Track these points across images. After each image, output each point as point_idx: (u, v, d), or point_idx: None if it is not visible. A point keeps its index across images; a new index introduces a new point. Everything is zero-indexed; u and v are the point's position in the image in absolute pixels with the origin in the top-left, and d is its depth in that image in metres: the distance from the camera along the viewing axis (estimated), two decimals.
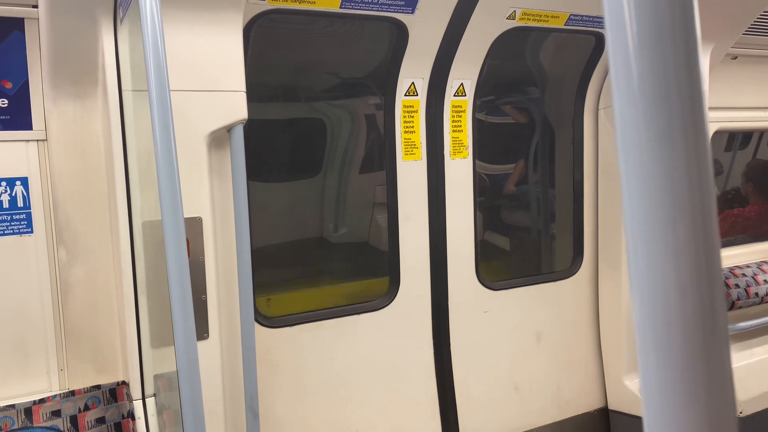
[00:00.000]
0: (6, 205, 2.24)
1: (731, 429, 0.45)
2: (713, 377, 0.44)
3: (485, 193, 3.43)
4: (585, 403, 3.53)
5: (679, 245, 0.43)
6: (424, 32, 2.74)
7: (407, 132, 2.92)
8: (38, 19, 2.20)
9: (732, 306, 3.40)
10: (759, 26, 3.34)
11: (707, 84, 3.21)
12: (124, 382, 2.30)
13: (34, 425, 2.13)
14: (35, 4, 2.17)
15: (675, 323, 0.44)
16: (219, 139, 2.17)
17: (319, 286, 3.31)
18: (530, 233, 3.80)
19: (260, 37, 2.59)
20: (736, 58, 3.57)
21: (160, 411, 2.17)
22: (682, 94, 0.43)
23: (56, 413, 2.17)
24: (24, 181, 2.26)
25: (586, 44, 3.24)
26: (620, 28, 0.44)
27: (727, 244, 3.97)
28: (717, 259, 0.44)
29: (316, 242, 3.30)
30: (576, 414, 3.50)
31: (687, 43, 0.43)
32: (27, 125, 2.24)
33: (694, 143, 0.43)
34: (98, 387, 2.28)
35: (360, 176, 3.26)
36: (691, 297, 0.43)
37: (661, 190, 0.43)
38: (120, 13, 2.05)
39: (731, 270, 3.53)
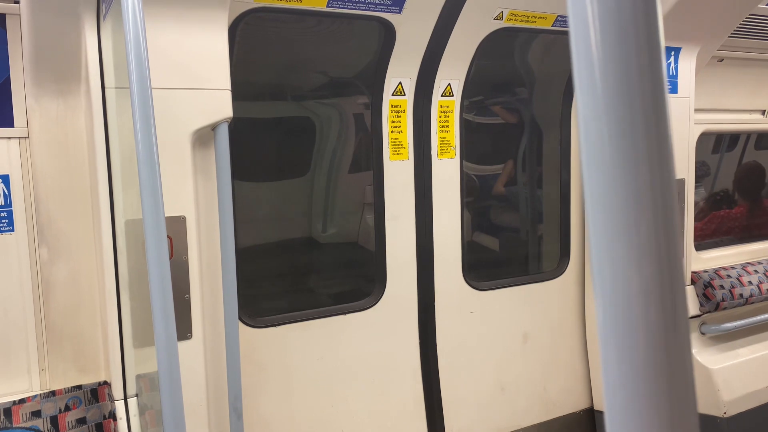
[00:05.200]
0: None
1: None
2: (675, 381, 0.44)
3: (473, 193, 3.43)
4: (571, 403, 3.54)
5: (642, 248, 0.43)
6: (412, 32, 2.73)
7: (394, 132, 2.91)
8: (20, 15, 2.17)
9: (717, 307, 3.42)
10: (745, 29, 3.36)
11: (693, 86, 3.22)
12: (105, 382, 2.28)
13: (14, 426, 2.10)
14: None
15: (638, 328, 0.43)
16: (204, 137, 2.16)
17: (306, 287, 3.29)
18: (517, 234, 3.80)
19: (246, 35, 2.58)
20: (722, 60, 3.59)
21: (142, 411, 2.15)
22: (645, 96, 0.43)
23: (36, 414, 2.15)
24: (5, 179, 2.23)
25: None
26: (583, 26, 0.43)
27: (712, 246, 3.99)
28: (680, 262, 0.44)
29: (304, 242, 3.28)
30: (562, 414, 3.51)
31: (650, 41, 0.42)
32: (8, 122, 2.22)
33: (656, 146, 0.43)
34: (79, 387, 2.25)
35: (349, 176, 3.25)
36: (654, 301, 0.43)
37: (623, 193, 0.43)
38: (103, 10, 2.03)
39: (716, 271, 3.55)
